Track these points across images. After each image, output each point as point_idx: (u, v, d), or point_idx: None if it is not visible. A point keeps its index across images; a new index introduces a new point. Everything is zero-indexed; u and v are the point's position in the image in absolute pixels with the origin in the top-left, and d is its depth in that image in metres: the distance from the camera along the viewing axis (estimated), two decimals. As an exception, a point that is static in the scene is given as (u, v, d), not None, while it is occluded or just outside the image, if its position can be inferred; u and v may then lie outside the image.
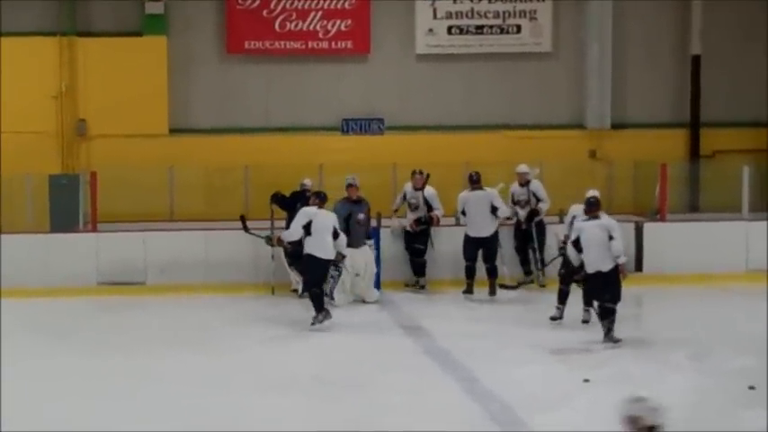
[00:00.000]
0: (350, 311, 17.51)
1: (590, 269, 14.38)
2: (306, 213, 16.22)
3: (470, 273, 17.99)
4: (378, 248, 18.38)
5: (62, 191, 21.78)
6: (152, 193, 22.09)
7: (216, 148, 23.18)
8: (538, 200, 18.41)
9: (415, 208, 18.59)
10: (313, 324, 15.93)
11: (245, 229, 18.00)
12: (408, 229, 18.63)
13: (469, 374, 12.95)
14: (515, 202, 18.64)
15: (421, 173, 18.84)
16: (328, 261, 16.21)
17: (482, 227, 17.91)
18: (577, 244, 14.34)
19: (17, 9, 23.40)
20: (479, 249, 17.93)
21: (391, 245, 18.95)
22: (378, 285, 18.44)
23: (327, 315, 15.97)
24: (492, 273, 17.94)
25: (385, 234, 18.98)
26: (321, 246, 16.12)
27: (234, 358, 14.16)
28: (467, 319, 16.66)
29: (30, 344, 15.20)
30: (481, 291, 17.96)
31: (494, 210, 17.84)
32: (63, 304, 18.42)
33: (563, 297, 15.56)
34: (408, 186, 18.84)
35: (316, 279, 16.22)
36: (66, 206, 21.53)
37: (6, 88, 23.05)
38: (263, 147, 23.14)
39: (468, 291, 17.94)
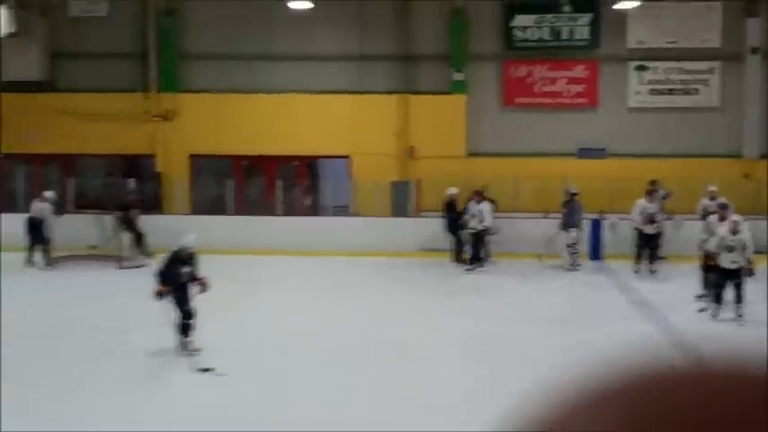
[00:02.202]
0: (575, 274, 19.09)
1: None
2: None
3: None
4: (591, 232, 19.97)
5: (399, 191, 23.06)
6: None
7: (495, 166, 23.38)
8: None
9: (651, 217, 18.11)
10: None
11: None
12: (651, 231, 17.96)
13: (659, 314, 14.42)
14: (709, 213, 16.67)
15: (657, 191, 18.42)
16: None
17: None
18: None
19: (372, 75, 24.55)
20: None
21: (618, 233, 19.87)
22: (599, 256, 20.23)
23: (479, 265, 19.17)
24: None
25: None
26: None
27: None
28: (660, 281, 17.87)
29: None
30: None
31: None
32: (394, 261, 19.76)
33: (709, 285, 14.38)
34: (642, 201, 18.25)
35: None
36: (402, 200, 22.94)
37: (368, 129, 24.12)
38: (527, 165, 23.51)
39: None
